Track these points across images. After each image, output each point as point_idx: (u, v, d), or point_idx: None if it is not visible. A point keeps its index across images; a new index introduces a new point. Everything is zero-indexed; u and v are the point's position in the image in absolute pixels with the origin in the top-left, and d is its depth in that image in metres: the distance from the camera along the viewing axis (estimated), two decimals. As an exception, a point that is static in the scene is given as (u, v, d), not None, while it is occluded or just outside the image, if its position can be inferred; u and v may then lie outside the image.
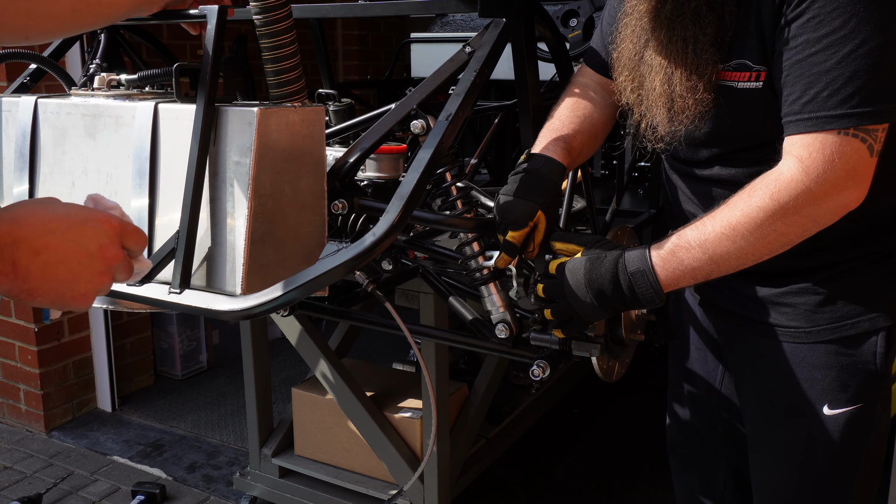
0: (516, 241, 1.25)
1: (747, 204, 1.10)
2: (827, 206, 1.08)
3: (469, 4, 1.32)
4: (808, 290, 1.26)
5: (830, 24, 1.04)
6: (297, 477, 2.63)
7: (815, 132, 1.06)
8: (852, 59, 1.03)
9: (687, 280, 1.15)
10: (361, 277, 1.32)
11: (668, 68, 1.20)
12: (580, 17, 2.75)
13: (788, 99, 1.10)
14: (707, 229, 1.13)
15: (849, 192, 1.08)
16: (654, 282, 1.14)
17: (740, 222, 1.10)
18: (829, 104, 1.05)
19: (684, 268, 1.14)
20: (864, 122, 1.04)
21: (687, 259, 1.13)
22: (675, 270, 1.14)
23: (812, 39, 1.06)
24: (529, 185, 1.26)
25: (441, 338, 1.71)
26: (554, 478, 2.94)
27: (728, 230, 1.11)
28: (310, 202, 1.19)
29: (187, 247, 1.12)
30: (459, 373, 2.85)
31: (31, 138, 1.31)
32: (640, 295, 1.15)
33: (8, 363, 3.34)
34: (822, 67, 1.05)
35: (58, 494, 2.85)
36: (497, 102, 2.80)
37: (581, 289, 1.16)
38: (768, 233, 1.09)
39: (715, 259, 1.12)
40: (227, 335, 3.94)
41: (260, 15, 1.15)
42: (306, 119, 1.17)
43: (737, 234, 1.10)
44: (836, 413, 1.26)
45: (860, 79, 1.03)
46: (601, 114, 1.42)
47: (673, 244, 1.14)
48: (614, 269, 1.15)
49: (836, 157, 1.05)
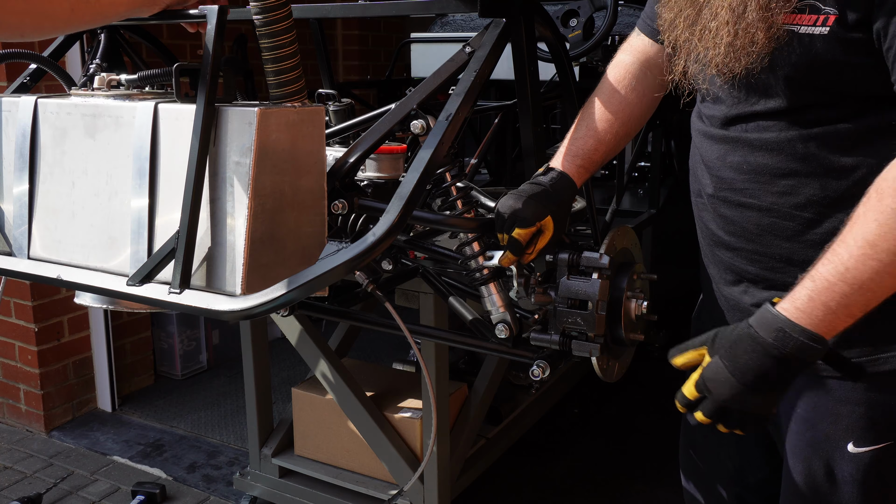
0: (522, 238, 1.23)
1: (879, 211, 0.95)
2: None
3: (469, 4, 1.32)
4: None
5: None
6: (297, 477, 2.63)
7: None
8: None
9: (843, 320, 0.99)
10: (361, 277, 1.32)
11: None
12: (580, 17, 2.75)
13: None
14: (843, 257, 0.98)
15: None
16: (805, 333, 0.99)
17: (880, 236, 0.95)
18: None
19: (834, 310, 0.99)
20: None
21: (832, 300, 0.98)
22: (824, 318, 0.99)
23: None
24: (542, 193, 1.27)
25: (441, 338, 1.71)
26: (554, 478, 2.94)
27: (869, 249, 0.96)
28: (310, 202, 1.19)
29: (187, 247, 1.12)
30: (459, 373, 2.85)
31: (31, 138, 1.31)
32: (801, 356, 0.99)
33: (8, 363, 3.34)
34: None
35: (58, 494, 2.85)
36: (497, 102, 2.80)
37: (737, 387, 1.02)
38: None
39: (866, 287, 0.97)
40: (227, 335, 3.94)
41: (260, 15, 1.15)
42: (306, 119, 1.17)
43: (881, 252, 0.95)
44: (861, 451, 1.16)
45: None
46: (639, 104, 1.34)
47: (808, 290, 0.99)
48: (756, 349, 1.00)
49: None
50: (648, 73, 1.34)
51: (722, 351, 1.05)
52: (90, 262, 1.25)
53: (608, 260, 1.24)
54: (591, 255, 1.25)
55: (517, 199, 1.25)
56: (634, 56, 1.37)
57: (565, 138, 1.40)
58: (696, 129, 1.29)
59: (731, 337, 1.05)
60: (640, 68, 1.36)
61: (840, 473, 1.20)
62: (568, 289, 1.22)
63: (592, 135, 1.36)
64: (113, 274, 1.22)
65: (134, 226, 1.20)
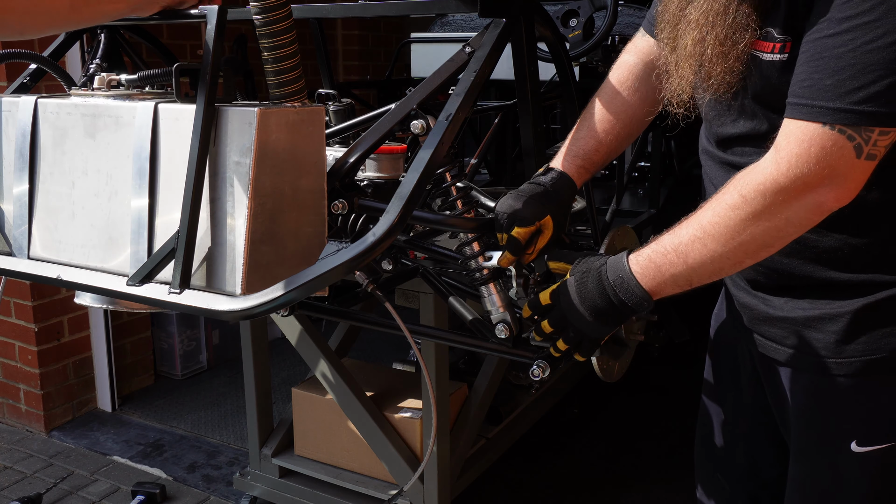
0: (521, 237, 1.24)
1: (718, 203, 1.04)
2: (800, 205, 0.99)
3: (469, 4, 1.32)
4: (843, 316, 1.14)
5: (856, 7, 0.93)
6: (297, 477, 2.63)
7: (802, 120, 0.97)
8: (868, 51, 0.93)
9: (670, 287, 1.10)
10: (361, 277, 1.32)
11: (704, 27, 1.09)
12: (580, 17, 2.75)
13: (795, 79, 1.01)
14: (682, 233, 1.07)
15: (825, 191, 0.98)
16: (638, 288, 1.10)
17: (711, 224, 1.04)
18: (827, 94, 0.95)
19: (663, 274, 1.09)
20: (859, 121, 0.95)
21: (664, 265, 1.08)
22: (654, 278, 1.10)
23: (834, 20, 0.95)
24: (541, 193, 1.29)
25: (441, 338, 1.71)
26: (554, 478, 2.93)
27: (700, 233, 1.05)
28: (310, 202, 1.19)
29: (187, 247, 1.12)
30: (459, 373, 2.85)
31: (31, 138, 1.31)
32: (629, 303, 1.11)
33: (8, 363, 3.34)
34: (835, 52, 0.95)
35: (58, 494, 2.85)
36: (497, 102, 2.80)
37: (577, 310, 1.14)
38: (741, 234, 1.02)
39: (690, 265, 1.06)
40: (227, 335, 3.94)
41: (260, 15, 1.15)
42: (306, 119, 1.16)
43: (707, 237, 1.04)
44: (865, 451, 1.17)
45: (872, 73, 0.93)
46: (641, 106, 1.35)
47: (651, 250, 1.10)
48: (599, 283, 1.13)
49: (815, 152, 0.96)
50: (652, 75, 1.34)
51: (577, 275, 1.17)
52: (90, 262, 1.25)
53: (608, 260, 1.24)
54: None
55: (517, 199, 1.26)
56: (638, 57, 1.37)
57: (566, 139, 1.40)
58: (702, 147, 1.31)
59: (588, 266, 1.16)
60: (644, 69, 1.36)
61: (844, 473, 1.20)
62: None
63: (593, 135, 1.36)
64: (113, 274, 1.22)
65: (134, 226, 1.20)
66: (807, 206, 1.00)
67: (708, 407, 1.53)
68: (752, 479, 1.49)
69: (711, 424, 1.53)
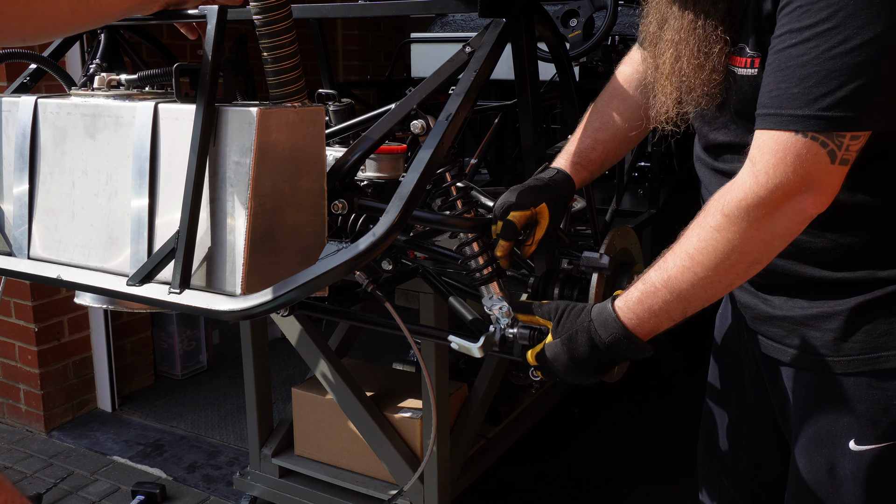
0: (517, 220, 1.25)
1: (702, 227, 1.04)
2: (782, 215, 1.00)
3: (469, 4, 1.32)
4: (839, 314, 1.15)
5: (815, 15, 0.95)
6: (297, 477, 2.63)
7: (774, 130, 0.99)
8: (830, 57, 0.94)
9: (665, 323, 1.09)
10: (361, 277, 1.32)
11: (679, 44, 1.12)
12: (580, 17, 2.75)
13: (762, 91, 1.02)
14: (668, 265, 1.07)
15: (804, 198, 0.99)
16: (635, 340, 1.09)
17: (698, 250, 1.03)
18: (796, 102, 0.97)
19: (657, 314, 1.08)
20: (830, 127, 0.95)
21: (656, 304, 1.08)
22: (648, 320, 1.09)
23: (794, 30, 0.97)
24: (537, 184, 1.31)
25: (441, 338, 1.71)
26: (554, 478, 2.94)
27: (688, 262, 1.04)
28: (310, 202, 1.19)
29: (187, 247, 1.12)
30: (459, 373, 2.85)
31: (31, 138, 1.31)
32: (629, 355, 1.11)
33: (8, 363, 3.34)
34: (799, 61, 0.96)
35: (58, 494, 2.85)
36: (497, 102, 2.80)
37: (572, 369, 1.14)
38: (730, 255, 1.02)
39: (683, 297, 1.06)
40: (227, 335, 3.94)
41: (260, 15, 1.15)
42: (306, 119, 1.16)
43: (696, 265, 1.04)
44: (863, 449, 1.17)
45: (837, 79, 0.94)
46: (635, 114, 1.36)
47: (640, 291, 1.09)
48: (592, 344, 1.11)
49: (790, 161, 0.97)
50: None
51: (564, 337, 1.14)
52: (90, 262, 1.25)
53: (608, 260, 1.24)
54: (591, 255, 1.25)
55: (512, 192, 1.29)
56: (633, 67, 1.41)
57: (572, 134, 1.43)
58: (695, 154, 1.32)
59: (574, 326, 1.13)
60: (639, 79, 1.38)
61: (842, 471, 1.20)
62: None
63: (589, 134, 1.39)
64: (113, 274, 1.22)
65: (134, 226, 1.20)
66: (789, 214, 1.01)
67: (712, 408, 1.54)
68: (754, 479, 1.49)
69: (715, 425, 1.53)
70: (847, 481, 1.20)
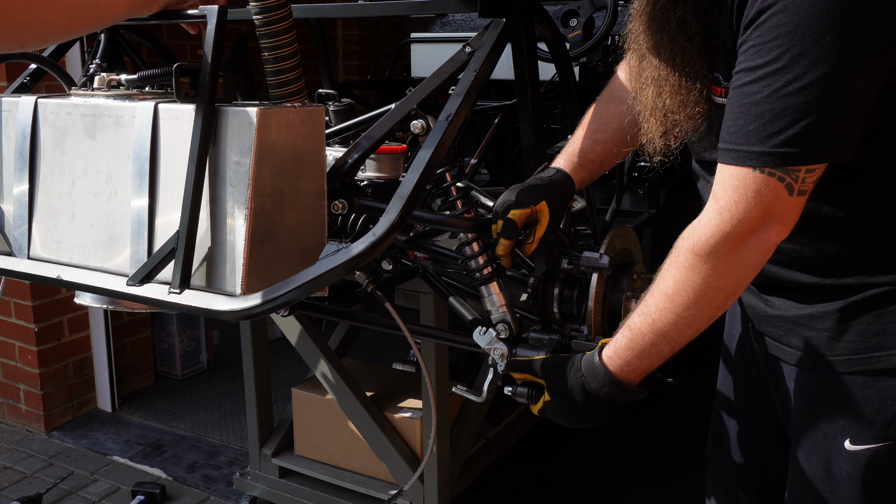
0: (517, 219, 1.25)
1: (676, 268, 1.07)
2: (749, 247, 1.04)
3: (469, 4, 1.32)
4: (833, 314, 1.18)
5: (768, 54, 0.98)
6: (297, 477, 2.63)
7: (733, 165, 1.02)
8: (782, 95, 0.97)
9: (655, 364, 1.13)
10: (361, 277, 1.32)
11: (659, 81, 1.16)
12: (580, 17, 2.75)
13: (723, 125, 1.06)
14: (651, 309, 1.10)
15: (767, 229, 1.03)
16: (624, 386, 1.13)
17: (676, 291, 1.07)
18: (752, 139, 1.00)
19: (646, 356, 1.12)
20: (785, 162, 0.99)
21: (645, 348, 1.11)
22: (639, 365, 1.13)
23: (748, 68, 1.00)
24: (536, 183, 1.31)
25: (441, 338, 1.71)
26: (554, 478, 2.94)
27: (669, 304, 1.08)
28: (310, 202, 1.19)
29: (187, 247, 1.12)
30: (459, 373, 2.85)
31: (31, 138, 1.31)
32: (621, 401, 1.15)
33: (8, 363, 3.34)
34: (753, 99, 1.00)
35: (58, 494, 2.85)
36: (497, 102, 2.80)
37: (575, 421, 1.20)
38: (706, 292, 1.06)
39: (669, 336, 1.10)
40: (227, 335, 3.94)
41: (260, 15, 1.15)
42: (306, 119, 1.17)
43: (677, 306, 1.07)
44: (858, 449, 1.18)
45: (789, 116, 0.98)
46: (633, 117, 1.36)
47: (627, 339, 1.12)
48: (587, 397, 1.16)
49: (751, 196, 1.01)
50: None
51: (560, 395, 1.19)
52: (90, 262, 1.25)
53: (608, 260, 1.24)
54: (590, 254, 1.25)
55: (512, 191, 1.29)
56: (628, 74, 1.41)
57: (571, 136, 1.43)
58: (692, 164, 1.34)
59: (567, 382, 1.18)
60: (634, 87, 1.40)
61: (837, 470, 1.21)
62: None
63: (589, 135, 1.39)
64: (113, 274, 1.22)
65: (134, 226, 1.20)
66: (755, 246, 1.04)
67: (721, 404, 1.56)
68: (759, 476, 1.51)
69: (723, 421, 1.55)
70: (843, 481, 1.21)
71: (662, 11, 1.13)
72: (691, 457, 2.96)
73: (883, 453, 1.17)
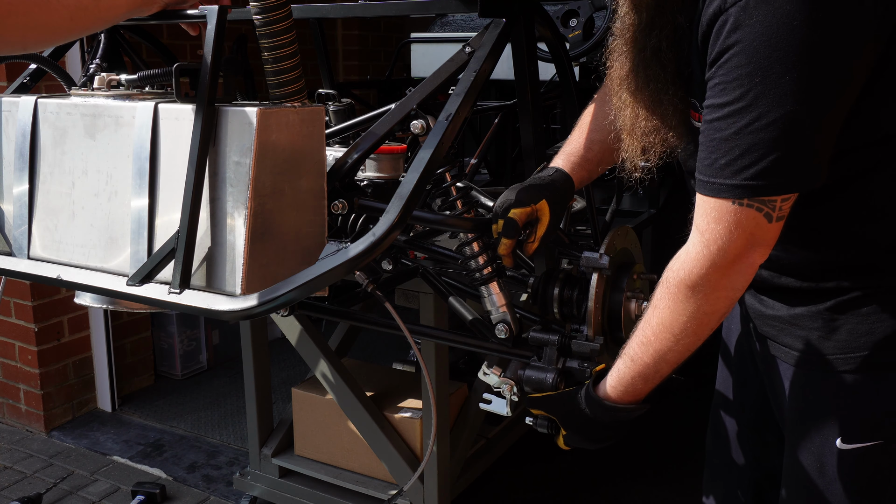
0: (518, 218, 1.26)
1: (669, 299, 1.12)
2: (736, 272, 1.08)
3: (469, 4, 1.32)
4: (821, 314, 1.20)
5: (731, 93, 1.01)
6: (297, 477, 2.63)
7: (713, 197, 1.06)
8: (748, 132, 1.01)
9: (657, 382, 1.19)
10: (361, 277, 1.32)
11: (634, 105, 1.20)
12: (580, 17, 2.75)
13: (699, 157, 1.09)
14: (650, 338, 1.15)
15: (750, 254, 1.08)
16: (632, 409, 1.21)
17: (673, 322, 1.12)
18: (725, 172, 1.04)
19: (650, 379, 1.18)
20: (759, 193, 1.03)
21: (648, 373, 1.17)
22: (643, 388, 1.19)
23: (715, 105, 1.04)
24: (536, 183, 1.32)
25: (441, 338, 1.71)
26: (554, 478, 2.94)
27: (667, 333, 1.13)
28: (310, 202, 1.19)
29: (187, 247, 1.12)
30: (459, 373, 2.85)
31: (31, 138, 1.31)
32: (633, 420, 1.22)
33: (8, 363, 3.34)
34: (722, 135, 1.03)
35: (58, 494, 2.85)
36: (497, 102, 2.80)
37: (597, 445, 1.30)
38: (701, 318, 1.11)
39: (669, 360, 1.16)
40: (227, 335, 3.94)
41: (260, 15, 1.15)
42: (306, 119, 1.17)
43: (675, 335, 1.13)
44: (850, 448, 1.20)
45: (757, 152, 1.01)
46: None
47: (630, 370, 1.18)
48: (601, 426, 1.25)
49: (733, 227, 1.05)
50: None
51: (574, 429, 1.29)
52: (90, 262, 1.25)
53: (608, 260, 1.24)
54: (590, 254, 1.25)
55: (511, 191, 1.30)
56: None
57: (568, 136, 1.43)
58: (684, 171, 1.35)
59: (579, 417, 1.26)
60: None
61: (830, 468, 1.22)
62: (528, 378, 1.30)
63: (586, 134, 1.40)
64: (113, 274, 1.22)
65: (134, 226, 1.20)
66: (741, 270, 1.09)
67: (719, 404, 1.57)
68: (756, 470, 1.52)
69: (722, 417, 1.56)
70: (836, 479, 1.22)
71: (641, 35, 1.16)
72: (691, 457, 2.96)
73: (874, 451, 1.19)
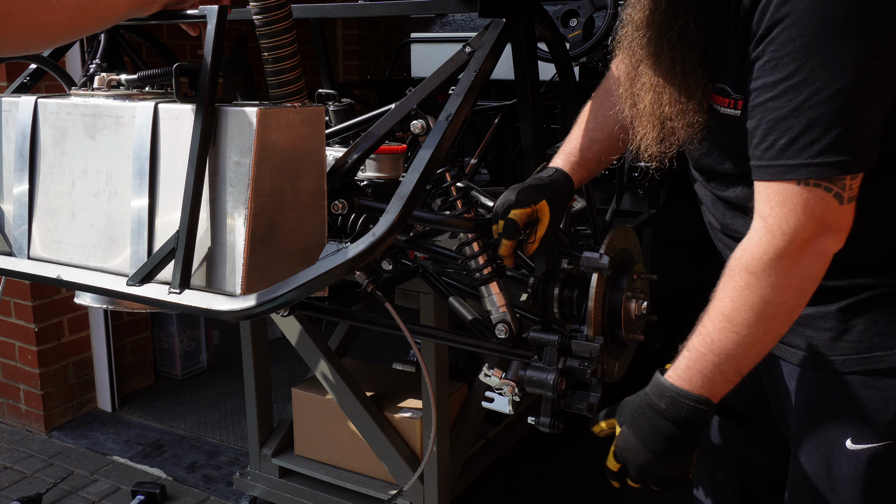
0: (518, 218, 1.25)
1: (732, 288, 1.06)
2: (808, 259, 1.02)
3: (469, 4, 1.32)
4: (833, 315, 1.18)
5: (785, 69, 0.97)
6: (297, 477, 2.63)
7: (775, 181, 1.01)
8: (808, 107, 0.97)
9: (720, 386, 1.09)
10: (361, 277, 1.32)
11: (657, 88, 1.15)
12: (580, 17, 2.75)
13: (752, 142, 1.05)
14: (709, 329, 1.08)
15: (823, 240, 1.02)
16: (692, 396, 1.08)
17: (734, 311, 1.05)
18: (787, 153, 0.99)
19: (709, 377, 1.08)
20: (824, 172, 0.98)
21: (706, 369, 1.08)
22: (702, 385, 1.08)
23: (769, 84, 1.00)
24: (536, 183, 1.31)
25: (441, 338, 1.71)
26: (554, 478, 2.94)
27: (728, 323, 1.06)
28: (310, 202, 1.19)
29: (187, 247, 1.12)
30: (459, 373, 2.85)
31: (31, 138, 1.31)
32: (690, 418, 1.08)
33: (8, 363, 3.34)
34: (779, 114, 0.99)
35: (58, 494, 2.85)
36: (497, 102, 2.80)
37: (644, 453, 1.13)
38: (766, 309, 1.04)
39: (732, 356, 1.07)
40: (227, 335, 3.94)
41: (260, 15, 1.15)
42: (306, 119, 1.17)
43: (738, 325, 1.05)
44: (860, 448, 1.18)
45: (819, 127, 0.97)
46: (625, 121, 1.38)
47: (686, 359, 1.09)
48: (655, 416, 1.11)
49: (800, 210, 1.00)
50: None
51: (627, 420, 1.16)
52: (90, 262, 1.25)
53: (608, 260, 1.24)
54: (590, 255, 1.25)
55: (511, 191, 1.29)
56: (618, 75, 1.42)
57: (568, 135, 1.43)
58: (691, 170, 1.34)
59: (633, 406, 1.15)
60: None
61: (838, 469, 1.21)
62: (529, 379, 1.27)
63: (585, 133, 1.40)
64: (113, 274, 1.22)
65: (134, 226, 1.20)
66: (813, 257, 1.03)
67: None
68: (743, 469, 1.51)
69: None
70: (844, 480, 1.21)
71: (663, 18, 1.11)
72: (691, 457, 2.96)
73: (884, 452, 1.18)
